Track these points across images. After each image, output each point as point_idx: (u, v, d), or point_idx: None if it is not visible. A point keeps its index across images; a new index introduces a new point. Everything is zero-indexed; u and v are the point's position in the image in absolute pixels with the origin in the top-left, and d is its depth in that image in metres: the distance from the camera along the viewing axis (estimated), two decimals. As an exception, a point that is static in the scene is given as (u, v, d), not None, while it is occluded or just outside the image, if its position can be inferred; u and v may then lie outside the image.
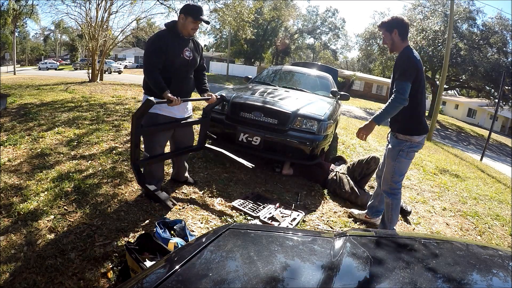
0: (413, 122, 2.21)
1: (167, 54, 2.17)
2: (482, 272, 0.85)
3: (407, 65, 2.09)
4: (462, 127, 23.14)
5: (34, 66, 37.40)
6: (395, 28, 2.18)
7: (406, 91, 2.05)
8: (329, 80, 4.81)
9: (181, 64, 2.26)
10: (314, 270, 0.82)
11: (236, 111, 3.24)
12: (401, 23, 2.19)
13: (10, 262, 1.65)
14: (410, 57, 2.12)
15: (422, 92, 2.19)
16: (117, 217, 2.15)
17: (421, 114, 2.23)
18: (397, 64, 2.18)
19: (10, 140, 3.46)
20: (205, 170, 3.20)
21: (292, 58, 44.70)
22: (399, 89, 2.06)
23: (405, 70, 2.08)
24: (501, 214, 3.52)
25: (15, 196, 2.30)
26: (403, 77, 2.06)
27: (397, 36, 2.20)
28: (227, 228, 1.02)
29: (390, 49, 2.28)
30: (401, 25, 2.19)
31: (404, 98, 2.05)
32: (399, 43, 2.21)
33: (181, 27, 2.23)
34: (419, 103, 2.20)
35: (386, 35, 2.25)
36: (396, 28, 2.18)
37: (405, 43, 2.22)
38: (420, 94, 2.18)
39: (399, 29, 2.18)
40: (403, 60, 2.14)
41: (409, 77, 2.06)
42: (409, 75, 2.06)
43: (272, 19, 34.28)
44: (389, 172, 2.33)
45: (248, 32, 12.79)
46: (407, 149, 2.24)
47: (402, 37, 2.20)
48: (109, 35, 12.89)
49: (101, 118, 4.81)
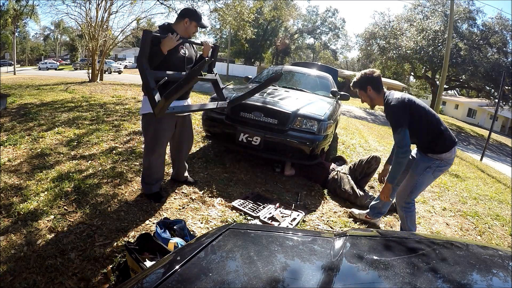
0: (437, 143, 2.15)
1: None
2: (482, 272, 0.85)
3: (395, 114, 2.09)
4: (462, 127, 23.13)
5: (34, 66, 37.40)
6: (368, 86, 2.22)
7: (405, 140, 2.04)
8: (329, 80, 4.81)
9: (178, 60, 2.25)
10: (314, 270, 0.82)
11: (236, 111, 3.24)
12: (371, 78, 2.22)
13: (10, 262, 1.65)
14: (394, 105, 2.09)
15: (427, 116, 2.14)
16: (117, 217, 2.15)
17: (440, 133, 2.15)
18: (387, 115, 2.19)
19: (10, 140, 3.46)
20: (205, 170, 3.20)
21: (292, 58, 44.70)
22: (397, 143, 2.07)
23: (395, 120, 2.08)
24: (501, 214, 3.52)
25: (15, 196, 2.30)
26: (396, 127, 2.07)
27: (372, 92, 2.23)
28: (227, 228, 1.02)
29: (371, 105, 2.30)
30: (373, 80, 2.22)
31: (405, 150, 2.05)
32: (376, 97, 2.24)
33: (183, 30, 2.25)
34: (431, 125, 2.14)
35: (362, 94, 2.29)
36: (368, 85, 2.22)
37: (382, 93, 2.23)
38: (427, 118, 2.13)
39: (372, 85, 2.22)
40: (389, 111, 2.14)
41: (402, 124, 2.05)
42: (401, 123, 2.05)
43: (272, 19, 34.26)
44: (410, 186, 2.28)
45: (248, 32, 12.78)
46: (435, 167, 2.20)
47: (377, 90, 2.23)
48: (109, 35, 12.89)
49: (101, 118, 4.81)
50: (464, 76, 20.78)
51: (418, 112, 2.11)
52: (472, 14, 20.39)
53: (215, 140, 3.54)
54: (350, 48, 51.63)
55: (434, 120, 2.15)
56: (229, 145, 3.37)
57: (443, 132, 2.14)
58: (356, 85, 2.30)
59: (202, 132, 4.26)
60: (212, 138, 3.55)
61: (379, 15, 24.34)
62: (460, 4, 20.19)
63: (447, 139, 2.15)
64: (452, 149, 2.17)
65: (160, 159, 2.44)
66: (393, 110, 2.10)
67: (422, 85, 30.42)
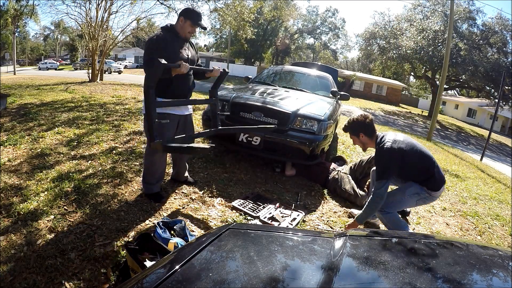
0: (429, 182, 2.22)
1: (167, 52, 2.18)
2: (482, 272, 0.85)
3: (384, 165, 2.15)
4: (462, 127, 23.14)
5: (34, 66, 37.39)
6: (360, 132, 2.28)
7: (384, 191, 2.11)
8: (329, 80, 4.81)
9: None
10: (314, 270, 0.82)
11: (236, 111, 3.24)
12: (363, 125, 2.27)
13: (10, 262, 1.65)
14: (385, 154, 2.14)
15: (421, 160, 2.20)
16: (117, 217, 2.15)
17: (432, 175, 2.21)
18: (376, 160, 2.27)
19: (10, 140, 3.46)
20: (205, 170, 3.20)
21: (292, 58, 44.70)
22: (376, 191, 2.13)
23: (382, 171, 2.14)
24: (501, 214, 3.52)
25: (15, 196, 2.30)
26: (380, 177, 2.12)
27: (364, 137, 2.29)
28: (227, 228, 1.02)
29: (363, 149, 2.38)
30: (365, 127, 2.27)
31: (381, 198, 2.12)
32: (369, 142, 2.30)
33: (180, 29, 2.28)
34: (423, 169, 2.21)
35: (355, 139, 2.35)
36: (361, 131, 2.28)
37: (375, 137, 2.28)
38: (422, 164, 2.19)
39: (364, 131, 2.28)
40: (379, 159, 2.20)
41: (388, 175, 2.12)
42: (386, 175, 2.12)
43: (272, 19, 34.27)
44: (393, 198, 2.29)
45: (248, 32, 12.78)
46: (423, 197, 2.26)
47: (370, 136, 2.28)
48: (109, 35, 12.89)
49: (101, 118, 4.81)
50: (464, 76, 20.79)
51: (411, 158, 2.16)
52: (472, 14, 20.40)
53: (215, 140, 3.54)
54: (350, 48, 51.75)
55: (427, 164, 2.22)
56: (229, 145, 3.37)
57: (435, 174, 2.21)
58: (348, 130, 2.35)
59: (202, 132, 4.26)
60: (212, 138, 3.55)
61: (379, 15, 24.38)
62: (460, 4, 20.20)
63: (438, 179, 2.23)
64: (441, 188, 2.27)
65: (161, 159, 2.44)
66: (383, 159, 2.16)
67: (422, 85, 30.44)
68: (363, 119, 2.29)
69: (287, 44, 39.87)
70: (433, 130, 10.91)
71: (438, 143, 10.64)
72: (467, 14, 20.19)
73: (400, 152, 2.13)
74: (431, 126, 10.81)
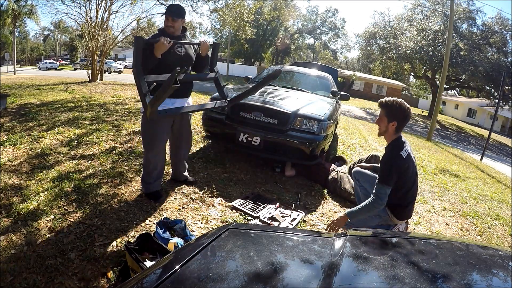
0: (397, 210, 2.20)
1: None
2: (482, 272, 0.85)
3: (390, 168, 2.02)
4: (462, 127, 23.14)
5: (34, 66, 37.38)
6: (395, 120, 2.07)
7: (385, 196, 2.00)
8: (329, 80, 4.81)
9: (174, 59, 2.23)
10: (314, 270, 0.82)
11: (236, 111, 3.24)
12: (403, 117, 2.08)
13: (10, 262, 1.65)
14: (394, 160, 2.03)
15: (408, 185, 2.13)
16: (117, 217, 2.15)
17: (407, 204, 2.19)
18: (383, 160, 2.10)
19: (10, 140, 3.46)
20: (205, 170, 3.20)
21: (292, 58, 44.70)
22: (378, 193, 2.01)
23: (387, 173, 2.02)
24: (501, 214, 3.52)
25: (15, 196, 2.30)
26: (384, 181, 2.01)
27: (393, 128, 2.09)
28: (227, 228, 1.02)
29: (380, 133, 2.17)
30: (402, 119, 2.09)
31: (382, 204, 2.01)
32: (392, 134, 2.12)
33: (166, 27, 2.26)
34: (406, 194, 2.15)
35: (383, 120, 2.11)
36: (396, 120, 2.07)
37: (397, 135, 2.12)
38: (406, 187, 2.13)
39: (399, 122, 2.08)
40: (387, 161, 2.06)
41: (390, 181, 2.00)
42: (390, 180, 2.00)
43: (272, 19, 34.28)
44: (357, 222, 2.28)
45: (248, 32, 12.79)
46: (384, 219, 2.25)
47: (398, 130, 2.11)
48: (109, 35, 12.88)
49: (101, 118, 4.81)
50: (464, 76, 20.80)
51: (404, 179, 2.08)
52: (472, 14, 20.40)
53: (215, 140, 3.54)
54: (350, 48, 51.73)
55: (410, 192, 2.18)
56: (229, 145, 3.37)
57: (409, 205, 2.21)
58: (387, 108, 2.11)
59: (202, 132, 4.26)
60: (212, 138, 3.55)
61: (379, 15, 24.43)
62: (460, 4, 20.20)
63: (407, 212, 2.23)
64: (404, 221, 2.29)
65: (157, 157, 2.43)
66: (394, 164, 2.03)
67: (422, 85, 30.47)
68: (408, 112, 2.09)
69: (287, 44, 39.86)
70: (433, 130, 10.91)
71: (438, 143, 10.64)
72: (467, 14, 20.20)
73: (404, 166, 2.04)
74: (431, 126, 10.81)
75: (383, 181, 2.02)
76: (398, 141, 2.11)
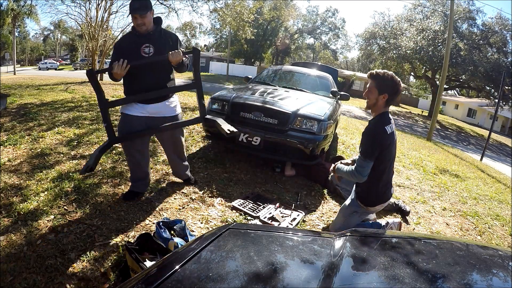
0: (371, 194, 2.12)
1: (124, 54, 2.08)
2: (482, 272, 0.85)
3: (373, 143, 1.95)
4: (462, 127, 23.14)
5: (34, 66, 37.38)
6: (386, 93, 1.96)
7: (366, 170, 1.94)
8: (329, 80, 4.81)
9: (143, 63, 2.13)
10: (314, 270, 0.82)
11: (236, 111, 3.24)
12: (395, 89, 1.98)
13: (10, 262, 1.65)
14: (378, 134, 1.95)
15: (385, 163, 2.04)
16: (117, 217, 2.15)
17: (381, 186, 2.11)
18: (366, 133, 2.01)
19: (10, 140, 3.46)
20: (205, 170, 3.20)
21: (292, 58, 44.70)
22: (360, 167, 1.96)
23: (369, 147, 1.95)
24: (501, 214, 3.52)
25: (15, 196, 2.30)
26: (366, 155, 1.94)
27: (384, 101, 1.98)
28: (227, 228, 1.02)
29: (368, 106, 2.05)
30: (394, 93, 1.98)
31: (363, 178, 1.96)
32: (381, 108, 2.01)
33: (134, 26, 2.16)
34: (381, 175, 2.06)
35: (373, 92, 1.98)
36: (387, 92, 1.96)
37: (385, 109, 2.02)
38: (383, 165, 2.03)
39: (390, 95, 1.97)
40: (371, 135, 1.98)
41: (371, 156, 1.93)
42: (372, 154, 1.93)
43: (272, 19, 34.27)
44: (338, 223, 2.27)
45: (248, 32, 12.79)
46: (361, 212, 2.21)
47: (387, 104, 2.00)
48: (109, 35, 12.89)
49: (101, 118, 4.80)
50: (464, 76, 20.79)
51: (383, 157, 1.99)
52: (472, 14, 20.40)
53: (215, 140, 3.54)
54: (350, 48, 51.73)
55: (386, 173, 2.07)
56: (229, 145, 3.37)
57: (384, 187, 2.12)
58: (378, 80, 1.98)
59: (202, 132, 4.26)
60: (212, 138, 3.55)
61: (379, 15, 24.41)
62: (460, 4, 20.19)
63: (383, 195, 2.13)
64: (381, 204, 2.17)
65: (132, 160, 2.38)
66: (378, 138, 1.95)
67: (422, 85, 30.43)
68: (400, 85, 2.00)
69: (287, 44, 39.86)
70: (433, 130, 10.91)
71: (438, 143, 10.64)
72: (467, 14, 20.19)
73: (387, 141, 1.97)
74: (431, 126, 10.81)
75: (365, 155, 1.94)
76: (385, 115, 2.01)
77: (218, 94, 3.61)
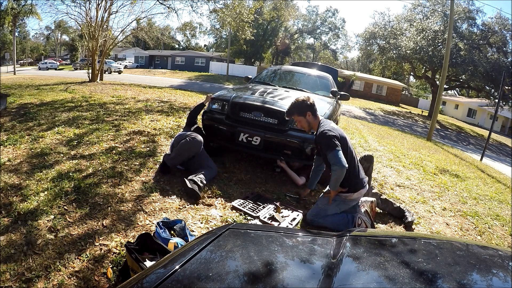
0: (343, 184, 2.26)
1: None
2: (482, 272, 0.85)
3: (328, 138, 2.20)
4: (462, 127, 23.13)
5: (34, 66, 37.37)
6: (307, 111, 2.33)
7: (341, 158, 2.14)
8: (329, 80, 4.81)
9: None
10: (314, 270, 0.82)
11: (236, 111, 3.24)
12: (309, 105, 2.33)
13: (10, 262, 1.65)
14: (326, 132, 2.23)
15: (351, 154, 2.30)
16: (117, 217, 2.15)
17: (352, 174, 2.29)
18: (318, 141, 2.31)
19: (10, 140, 3.46)
20: (205, 170, 3.20)
21: (292, 58, 44.69)
22: (335, 161, 2.15)
23: (328, 143, 2.19)
24: (501, 214, 3.52)
25: (15, 196, 2.30)
26: (330, 148, 2.17)
27: (311, 117, 2.35)
28: (227, 228, 1.02)
29: (308, 129, 2.43)
30: (310, 106, 2.33)
31: (344, 166, 2.13)
32: (314, 122, 2.37)
33: None
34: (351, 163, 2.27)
35: (301, 120, 2.37)
36: (308, 110, 2.33)
37: (318, 118, 2.38)
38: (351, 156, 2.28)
39: (311, 110, 2.33)
40: (322, 137, 2.25)
41: (335, 145, 2.17)
42: (334, 144, 2.17)
43: (272, 19, 34.28)
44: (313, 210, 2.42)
45: (247, 33, 12.79)
46: (339, 201, 2.34)
47: (315, 116, 2.36)
48: (109, 35, 12.89)
49: (101, 118, 4.80)
50: (464, 76, 20.78)
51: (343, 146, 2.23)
52: (472, 14, 20.39)
53: (215, 140, 3.54)
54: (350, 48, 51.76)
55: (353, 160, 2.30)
56: (229, 145, 3.37)
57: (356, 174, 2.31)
58: (295, 110, 2.35)
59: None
60: (212, 138, 3.54)
61: (379, 15, 24.38)
62: (460, 4, 20.19)
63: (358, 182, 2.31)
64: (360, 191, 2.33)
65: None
66: (326, 136, 2.21)
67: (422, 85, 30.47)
68: (307, 99, 2.34)
69: (287, 44, 39.87)
70: (433, 130, 10.91)
71: (438, 143, 10.64)
72: (467, 14, 20.18)
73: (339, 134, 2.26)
74: (431, 126, 10.81)
75: (331, 149, 2.16)
76: (322, 122, 2.37)
77: (218, 94, 3.61)
